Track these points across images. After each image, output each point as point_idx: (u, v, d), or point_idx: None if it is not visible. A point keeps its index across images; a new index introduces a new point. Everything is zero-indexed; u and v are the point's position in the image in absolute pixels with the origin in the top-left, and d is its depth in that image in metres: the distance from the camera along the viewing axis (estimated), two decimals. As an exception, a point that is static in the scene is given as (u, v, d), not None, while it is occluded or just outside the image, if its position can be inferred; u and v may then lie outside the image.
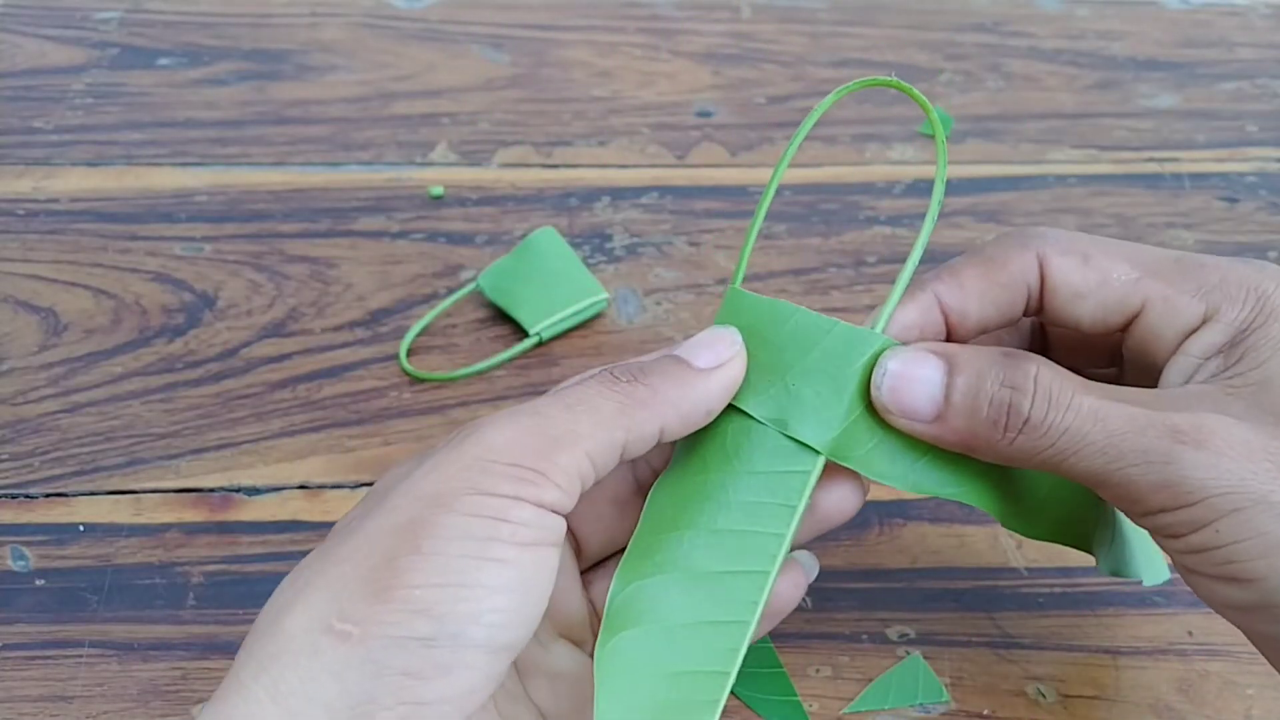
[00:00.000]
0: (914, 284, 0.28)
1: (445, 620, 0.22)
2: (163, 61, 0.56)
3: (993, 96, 0.57)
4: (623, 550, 0.27)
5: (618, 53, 0.58)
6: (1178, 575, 0.36)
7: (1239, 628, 0.26)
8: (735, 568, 0.27)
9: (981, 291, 0.27)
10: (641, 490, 0.29)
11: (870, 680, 0.34)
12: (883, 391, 0.26)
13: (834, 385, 0.27)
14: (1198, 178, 0.53)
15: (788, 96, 0.56)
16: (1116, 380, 0.29)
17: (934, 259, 0.48)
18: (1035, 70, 0.59)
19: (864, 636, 0.35)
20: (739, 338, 0.27)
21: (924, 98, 0.27)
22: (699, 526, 0.27)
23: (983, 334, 0.29)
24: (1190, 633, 0.35)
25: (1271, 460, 0.23)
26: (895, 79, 0.27)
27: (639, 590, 0.26)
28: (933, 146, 0.54)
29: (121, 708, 0.33)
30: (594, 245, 0.48)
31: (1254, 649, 0.27)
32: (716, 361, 0.27)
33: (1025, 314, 0.28)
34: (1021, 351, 0.26)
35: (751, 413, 0.27)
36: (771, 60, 0.59)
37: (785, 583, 0.29)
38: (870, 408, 0.27)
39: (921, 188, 0.51)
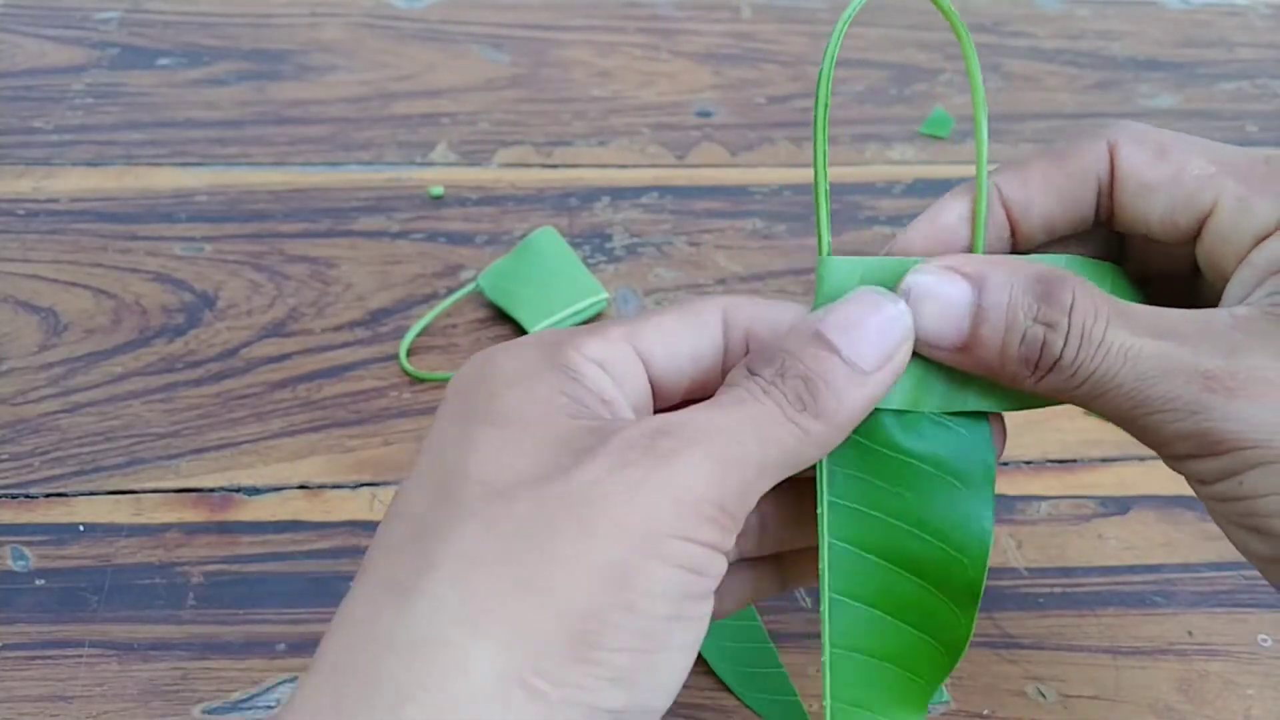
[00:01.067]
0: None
1: (637, 691, 0.20)
2: (163, 61, 0.56)
3: (993, 96, 0.57)
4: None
5: (618, 53, 0.58)
6: (1174, 576, 0.37)
7: (1261, 573, 0.25)
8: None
9: (1046, 183, 0.25)
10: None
11: (870, 680, 0.34)
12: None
13: None
14: (1198, 178, 0.53)
15: (788, 96, 0.56)
16: (1196, 298, 0.26)
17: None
18: (1035, 70, 0.59)
19: (864, 636, 0.35)
20: (908, 318, 0.24)
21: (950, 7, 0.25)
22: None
23: (1051, 240, 0.26)
24: (1190, 633, 0.35)
25: None
26: None
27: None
28: (934, 146, 0.54)
29: (121, 708, 0.33)
30: (594, 245, 0.48)
31: (1254, 649, 0.27)
32: (884, 358, 0.23)
33: (1097, 218, 0.26)
34: (1058, 273, 0.23)
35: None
36: (772, 60, 0.59)
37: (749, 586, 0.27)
38: None
39: (921, 188, 0.51)
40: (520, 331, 0.44)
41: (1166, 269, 0.27)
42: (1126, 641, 0.35)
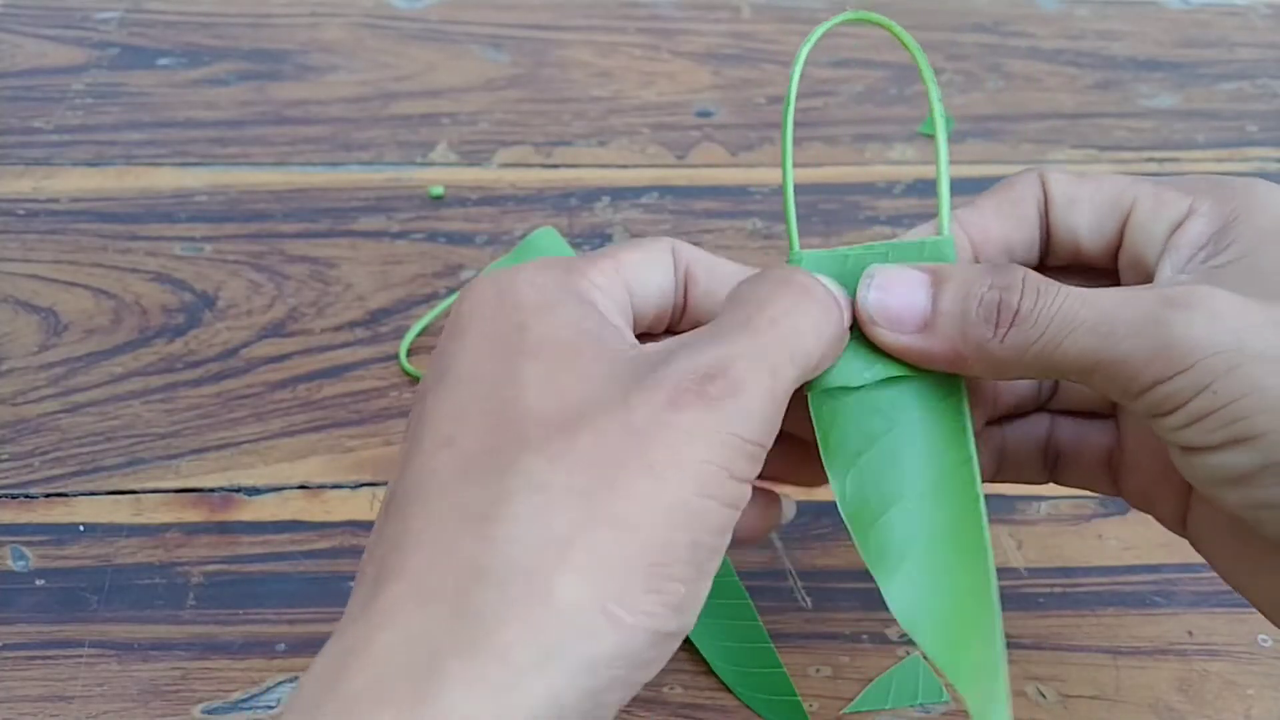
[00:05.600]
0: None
1: (686, 615, 0.22)
2: (163, 61, 0.56)
3: (993, 97, 0.57)
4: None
5: (618, 53, 0.58)
6: (1174, 576, 0.37)
7: (1237, 510, 0.24)
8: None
9: (998, 211, 0.28)
10: None
11: (870, 680, 0.34)
12: (869, 302, 0.25)
13: None
14: (1198, 178, 0.53)
15: (788, 96, 0.56)
16: None
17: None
18: (1035, 70, 0.59)
19: (864, 636, 0.35)
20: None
21: (900, 29, 0.28)
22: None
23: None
24: (1190, 633, 0.35)
25: (1266, 317, 0.23)
26: (873, 14, 0.28)
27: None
28: (933, 146, 0.54)
29: (121, 708, 0.33)
30: (594, 245, 0.48)
31: (1254, 649, 0.27)
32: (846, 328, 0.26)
33: (1043, 245, 0.28)
34: (1012, 264, 0.26)
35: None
36: (771, 60, 0.59)
37: (753, 514, 0.27)
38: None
39: (922, 188, 0.51)
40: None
41: (1098, 248, 0.29)
42: (1126, 642, 0.35)
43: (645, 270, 0.26)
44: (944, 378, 0.26)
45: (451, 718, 0.19)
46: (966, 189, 0.51)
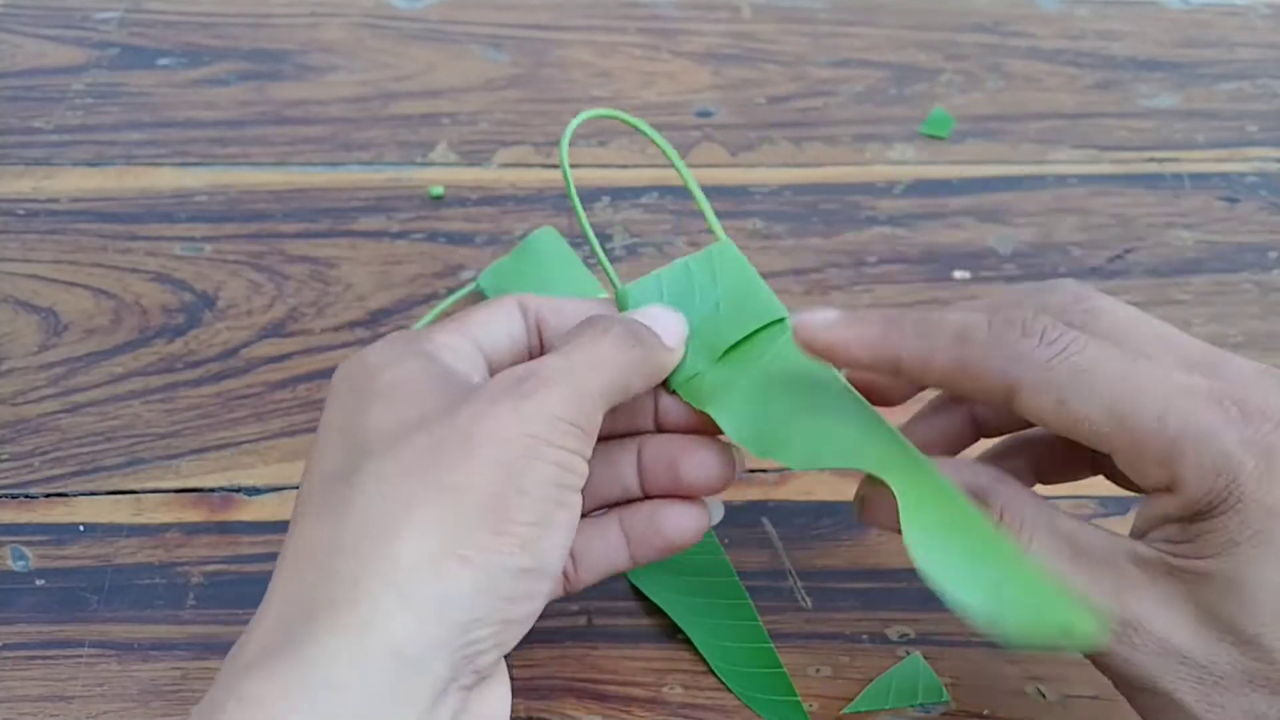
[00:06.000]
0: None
1: (539, 555, 0.25)
2: (163, 61, 0.56)
3: (993, 96, 0.57)
4: None
5: (618, 53, 0.58)
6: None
7: None
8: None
9: (945, 376, 0.28)
10: None
11: (870, 680, 0.34)
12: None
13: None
14: (1198, 178, 0.53)
15: (788, 96, 0.56)
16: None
17: (939, 259, 0.48)
18: (1035, 70, 0.59)
19: (864, 636, 0.35)
20: (684, 323, 0.31)
21: (648, 127, 0.33)
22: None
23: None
24: (1190, 633, 0.35)
25: (1184, 665, 0.25)
26: (619, 113, 0.33)
27: None
28: (934, 146, 0.54)
29: (121, 708, 0.33)
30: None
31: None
32: (677, 341, 0.31)
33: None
34: (996, 476, 0.28)
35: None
36: (772, 60, 0.59)
37: (679, 514, 0.31)
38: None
39: (921, 188, 0.51)
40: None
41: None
42: (1126, 641, 0.35)
43: (491, 326, 0.31)
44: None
45: (322, 657, 0.23)
46: (967, 189, 0.51)
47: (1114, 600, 0.26)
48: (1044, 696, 0.34)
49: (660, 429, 0.32)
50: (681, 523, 0.31)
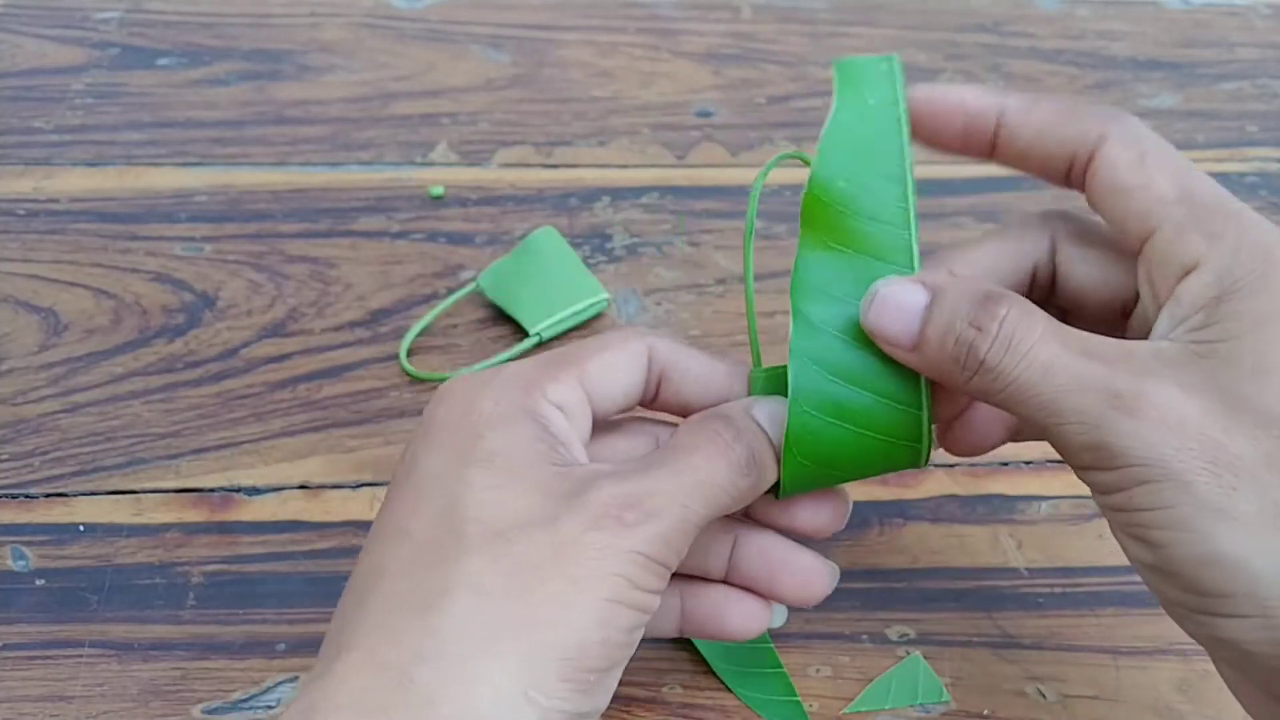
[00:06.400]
0: None
1: (597, 698, 0.26)
2: (163, 61, 0.56)
3: (993, 96, 0.57)
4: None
5: (618, 53, 0.58)
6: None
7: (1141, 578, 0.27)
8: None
9: (1040, 129, 0.28)
10: None
11: (870, 680, 0.34)
12: (868, 315, 0.27)
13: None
14: (1198, 178, 0.53)
15: (788, 97, 0.56)
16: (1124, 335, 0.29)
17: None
18: (1035, 70, 0.59)
19: (864, 636, 0.35)
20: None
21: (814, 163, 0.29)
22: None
23: (976, 248, 0.30)
24: (1190, 633, 0.35)
25: (1199, 443, 0.24)
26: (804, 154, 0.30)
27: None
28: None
29: (121, 707, 0.33)
30: (594, 245, 0.48)
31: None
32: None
33: (1069, 184, 0.29)
34: (1002, 291, 0.26)
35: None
36: (772, 60, 0.59)
37: (748, 613, 0.31)
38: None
39: (922, 188, 0.51)
40: (521, 331, 0.44)
41: (1100, 298, 0.30)
42: (1126, 641, 0.35)
43: (612, 376, 0.29)
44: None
45: None
46: (968, 189, 0.51)
47: (1129, 383, 0.24)
48: (1044, 696, 0.34)
49: (751, 516, 0.31)
50: (748, 621, 0.31)
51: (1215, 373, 0.24)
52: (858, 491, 0.39)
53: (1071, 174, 0.28)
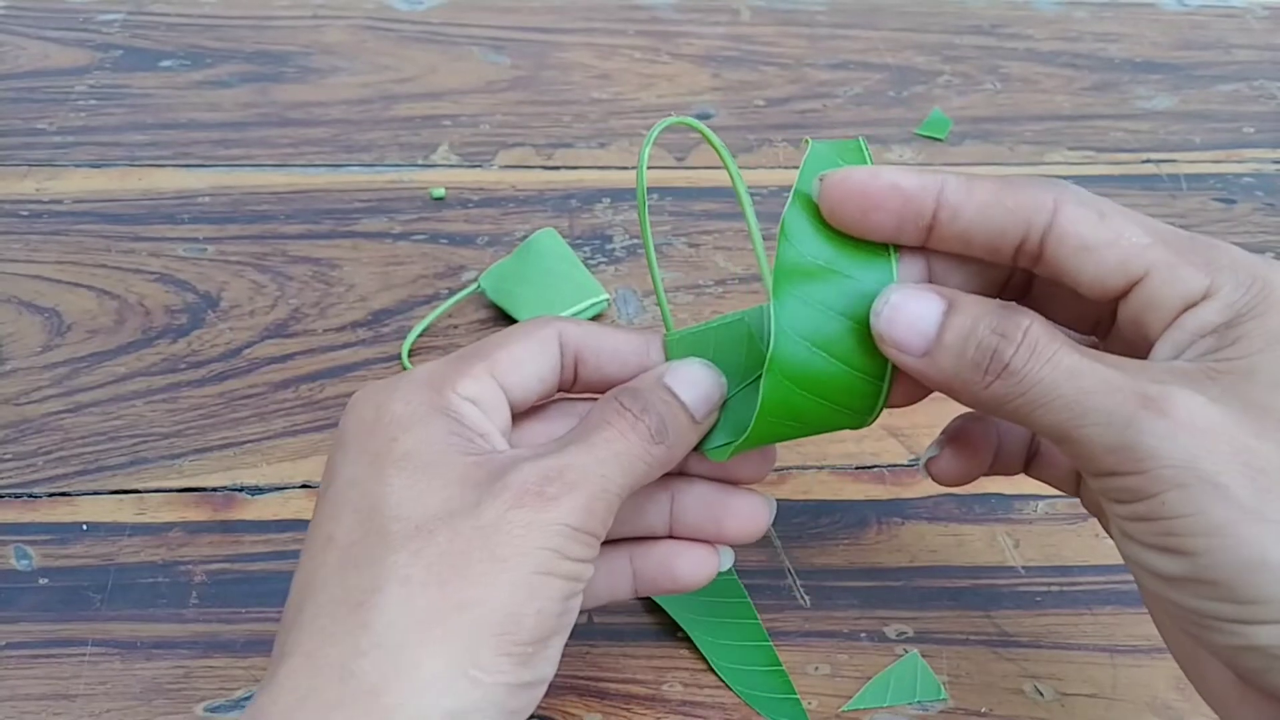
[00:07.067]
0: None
1: (539, 668, 0.26)
2: (166, 63, 0.57)
3: (990, 98, 0.57)
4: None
5: (618, 55, 0.59)
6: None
7: (1162, 598, 0.25)
8: None
9: (985, 201, 0.27)
10: None
11: (869, 678, 0.34)
12: (881, 320, 0.27)
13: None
14: (1194, 179, 0.53)
15: (787, 99, 0.57)
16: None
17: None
18: (1033, 72, 0.59)
19: (862, 635, 0.35)
20: (721, 384, 0.30)
21: (709, 132, 0.29)
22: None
23: (958, 257, 0.28)
24: (1187, 631, 0.35)
25: (1230, 446, 0.23)
26: (689, 119, 0.30)
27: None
28: (932, 148, 0.54)
29: (124, 706, 0.33)
30: (595, 246, 0.48)
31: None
32: (709, 412, 0.30)
33: (1015, 261, 0.27)
34: (1020, 306, 0.26)
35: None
36: (771, 63, 0.59)
37: (695, 560, 0.31)
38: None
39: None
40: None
41: (1069, 320, 0.29)
42: (1124, 640, 0.35)
43: (522, 365, 0.30)
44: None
45: None
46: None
47: (1156, 388, 0.24)
48: (1041, 694, 0.34)
49: (684, 472, 0.32)
50: (697, 568, 0.31)
51: (1236, 386, 0.24)
52: (856, 492, 0.39)
53: (1024, 246, 0.27)
